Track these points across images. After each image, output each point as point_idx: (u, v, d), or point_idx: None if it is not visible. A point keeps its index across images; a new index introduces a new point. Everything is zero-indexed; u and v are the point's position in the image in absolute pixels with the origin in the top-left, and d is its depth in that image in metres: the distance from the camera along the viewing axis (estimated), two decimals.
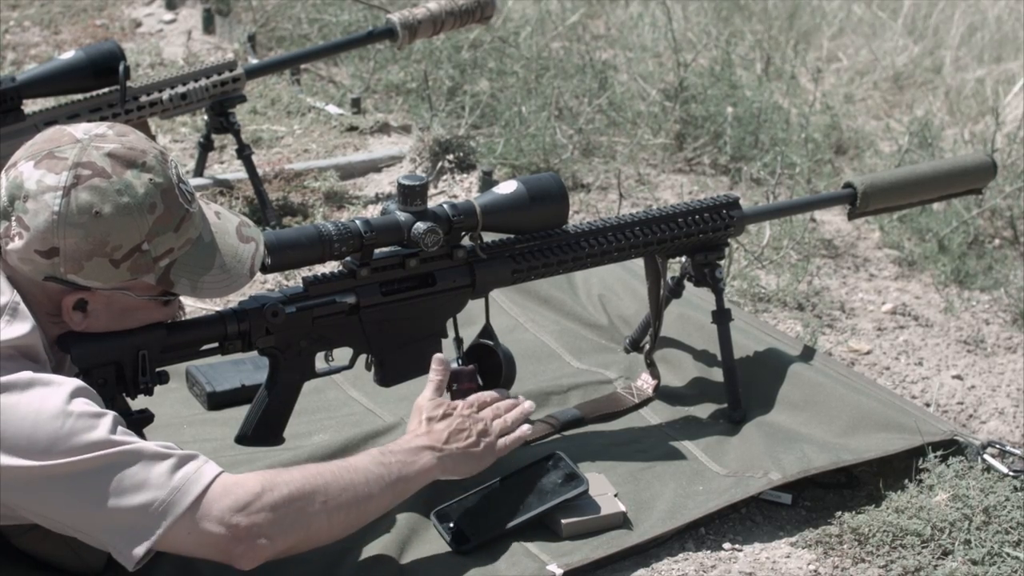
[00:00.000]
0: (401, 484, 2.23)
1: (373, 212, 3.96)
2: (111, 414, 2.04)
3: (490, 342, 2.74)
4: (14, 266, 2.09)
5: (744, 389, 2.80)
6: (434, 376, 2.42)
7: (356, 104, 4.71)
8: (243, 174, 3.88)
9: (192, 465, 2.05)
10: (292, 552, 2.12)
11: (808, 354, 2.92)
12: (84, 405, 2.01)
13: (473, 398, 2.43)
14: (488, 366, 2.74)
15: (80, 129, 2.11)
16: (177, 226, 2.13)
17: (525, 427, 2.44)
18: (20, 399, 1.98)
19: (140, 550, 2.00)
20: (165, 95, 3.58)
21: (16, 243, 2.07)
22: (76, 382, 2.04)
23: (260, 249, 2.27)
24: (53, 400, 1.99)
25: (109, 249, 2.07)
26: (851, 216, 3.02)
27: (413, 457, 2.26)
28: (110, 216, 2.06)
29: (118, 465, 2.00)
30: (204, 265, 2.18)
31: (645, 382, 2.89)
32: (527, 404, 2.48)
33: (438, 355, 2.46)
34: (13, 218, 2.07)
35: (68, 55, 3.51)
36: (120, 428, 2.03)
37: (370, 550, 2.34)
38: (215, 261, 2.19)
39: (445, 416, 2.35)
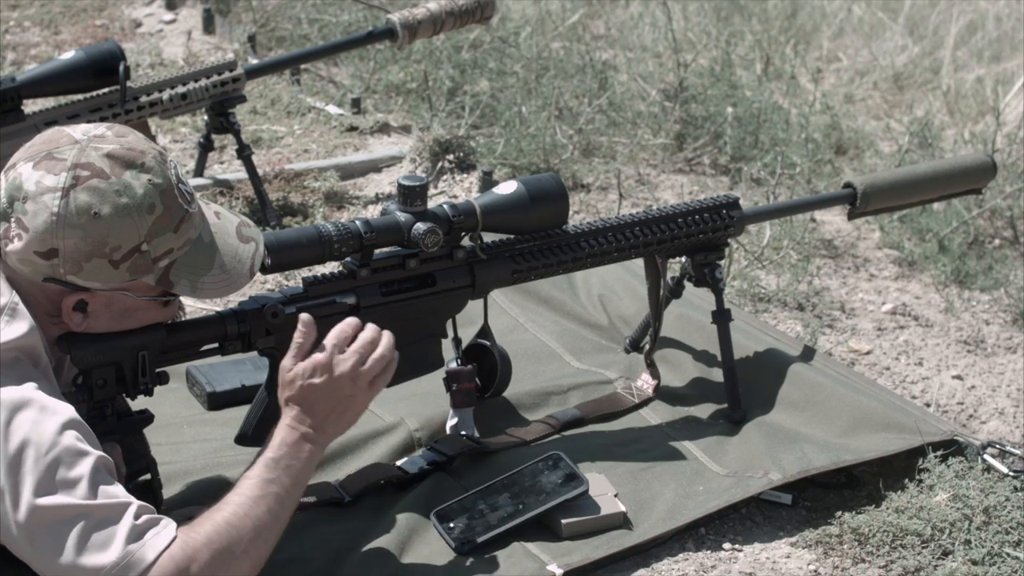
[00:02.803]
0: (297, 487, 2.14)
1: (373, 212, 3.96)
2: (95, 455, 2.00)
3: (486, 342, 2.75)
4: (14, 267, 2.08)
5: (744, 389, 2.80)
6: (297, 337, 2.21)
7: (356, 104, 4.72)
8: (243, 174, 3.88)
9: (150, 533, 1.99)
10: None
11: (808, 354, 2.92)
12: (73, 439, 1.99)
13: (332, 340, 2.20)
14: (485, 366, 2.75)
15: (79, 130, 2.11)
16: (176, 227, 2.13)
17: (391, 354, 2.24)
18: (12, 419, 1.97)
19: None
20: (165, 95, 3.58)
21: (15, 244, 2.06)
22: (71, 413, 2.02)
23: (260, 249, 2.27)
24: (44, 427, 1.98)
25: (108, 250, 2.07)
26: (851, 216, 3.02)
27: (296, 455, 2.15)
28: (109, 217, 2.06)
29: (83, 518, 1.96)
30: (204, 265, 2.18)
31: (645, 382, 2.89)
32: (387, 333, 2.26)
33: (304, 315, 2.24)
34: (12, 219, 2.06)
35: (68, 55, 3.51)
36: (99, 474, 1.99)
37: (370, 550, 2.34)
38: (215, 261, 2.19)
39: (304, 388, 2.17)
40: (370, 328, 2.26)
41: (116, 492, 2.01)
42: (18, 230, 2.06)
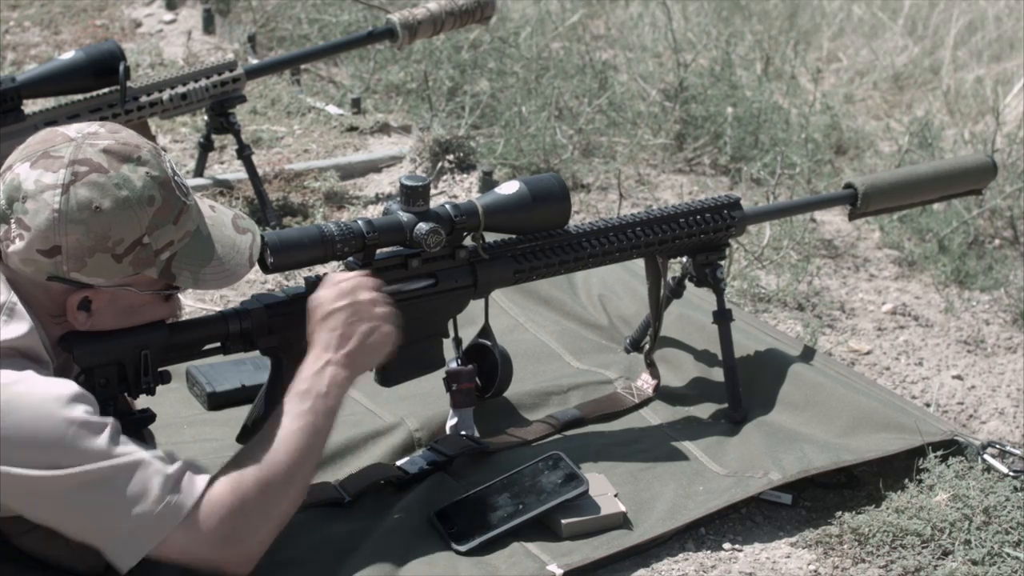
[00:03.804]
0: (329, 416, 2.21)
1: (373, 212, 3.96)
2: (111, 421, 2.05)
3: (487, 342, 2.75)
4: (15, 268, 2.09)
5: (744, 389, 2.80)
6: (336, 276, 2.33)
7: (356, 104, 4.72)
8: (243, 174, 3.89)
9: (186, 477, 2.07)
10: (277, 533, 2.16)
11: (808, 354, 2.92)
12: (84, 412, 2.02)
13: (348, 285, 2.30)
14: (486, 366, 2.75)
15: (72, 129, 2.12)
16: (176, 218, 2.13)
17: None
18: (19, 401, 1.98)
19: (132, 560, 2.04)
20: (165, 95, 3.58)
21: (17, 244, 2.06)
22: (74, 387, 2.04)
23: (257, 240, 2.28)
24: (53, 405, 2.00)
25: (111, 244, 2.07)
26: (852, 216, 3.02)
27: (323, 383, 2.22)
28: (110, 210, 2.06)
29: (117, 478, 2.01)
30: (204, 257, 2.18)
31: (645, 382, 2.89)
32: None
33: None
34: (12, 220, 2.07)
35: (68, 55, 3.51)
36: (119, 436, 2.04)
37: (370, 550, 2.34)
38: (214, 252, 2.20)
39: (329, 314, 2.26)
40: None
41: (135, 449, 2.05)
42: (19, 230, 2.06)
